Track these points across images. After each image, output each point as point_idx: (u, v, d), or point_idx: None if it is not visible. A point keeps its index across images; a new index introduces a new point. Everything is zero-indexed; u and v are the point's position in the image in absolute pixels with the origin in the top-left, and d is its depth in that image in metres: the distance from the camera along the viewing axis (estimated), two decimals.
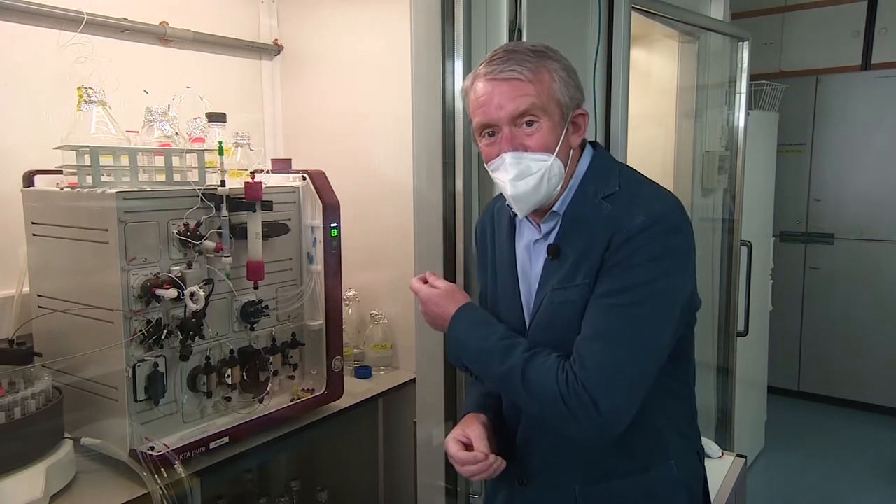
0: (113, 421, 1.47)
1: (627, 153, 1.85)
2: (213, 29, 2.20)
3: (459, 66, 1.51)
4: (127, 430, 1.44)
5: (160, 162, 1.57)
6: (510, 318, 1.19)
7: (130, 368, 1.44)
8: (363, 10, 2.18)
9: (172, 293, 1.43)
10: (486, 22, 1.55)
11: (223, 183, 1.56)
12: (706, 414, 2.75)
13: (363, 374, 2.14)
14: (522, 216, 1.15)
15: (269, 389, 1.71)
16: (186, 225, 1.52)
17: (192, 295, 1.47)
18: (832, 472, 3.57)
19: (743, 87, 2.58)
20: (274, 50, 2.41)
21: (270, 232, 1.66)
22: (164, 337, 1.47)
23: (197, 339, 1.53)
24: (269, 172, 1.78)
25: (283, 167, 1.81)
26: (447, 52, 1.53)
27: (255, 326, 1.68)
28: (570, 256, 1.10)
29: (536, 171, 1.07)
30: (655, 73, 2.80)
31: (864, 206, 4.24)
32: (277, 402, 1.75)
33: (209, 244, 1.54)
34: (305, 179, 1.77)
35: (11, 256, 1.70)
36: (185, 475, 1.43)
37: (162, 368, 1.49)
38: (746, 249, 2.84)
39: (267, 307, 1.69)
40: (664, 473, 1.16)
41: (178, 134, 1.63)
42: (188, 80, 1.87)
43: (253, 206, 1.57)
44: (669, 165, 2.72)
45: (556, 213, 1.13)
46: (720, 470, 1.97)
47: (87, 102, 1.52)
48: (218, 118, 1.72)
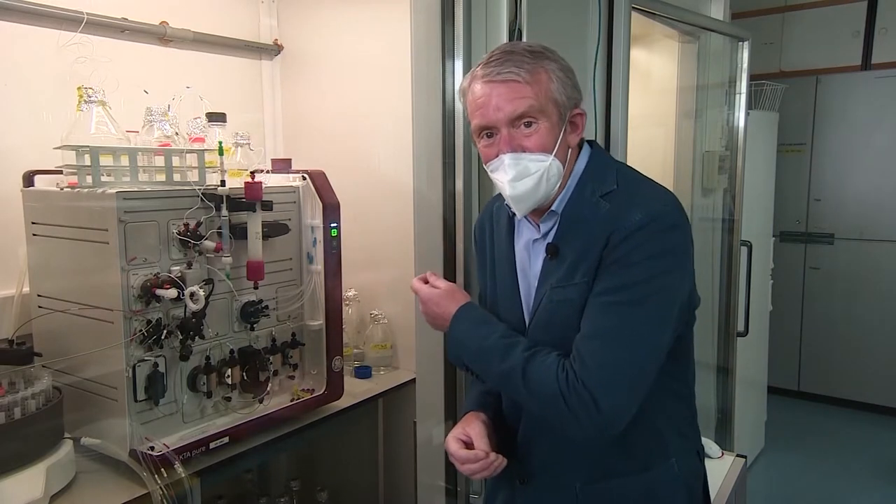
0: (113, 421, 1.47)
1: (627, 153, 1.85)
2: (213, 29, 2.20)
3: (459, 66, 1.51)
4: (127, 430, 1.44)
5: (160, 162, 1.57)
6: (509, 317, 1.19)
7: (130, 368, 1.44)
8: (363, 10, 2.18)
9: (172, 293, 1.44)
10: (486, 22, 1.55)
11: (223, 183, 1.56)
12: (706, 414, 2.75)
13: (363, 374, 2.14)
14: (521, 216, 1.15)
15: (269, 389, 1.71)
16: (186, 225, 1.52)
17: (192, 295, 1.47)
18: (832, 472, 3.57)
19: (743, 87, 2.58)
20: (274, 50, 2.41)
21: (270, 232, 1.66)
22: (164, 337, 1.47)
23: (197, 339, 1.53)
24: (269, 172, 1.78)
25: (283, 167, 1.81)
26: (447, 52, 1.53)
27: (255, 326, 1.68)
28: (568, 255, 1.10)
29: (535, 171, 1.07)
30: (655, 73, 2.80)
31: (864, 206, 4.24)
32: (277, 402, 1.75)
33: (209, 244, 1.54)
34: (305, 179, 1.77)
35: (11, 256, 1.70)
36: (185, 475, 1.43)
37: (162, 368, 1.49)
38: (746, 249, 2.84)
39: (267, 307, 1.69)
40: (664, 472, 1.16)
41: (178, 134, 1.63)
42: (188, 80, 1.87)
43: (253, 206, 1.57)
44: (669, 165, 2.71)
45: (554, 212, 1.14)
46: (720, 470, 1.97)
47: (87, 102, 1.52)
48: (218, 118, 1.72)
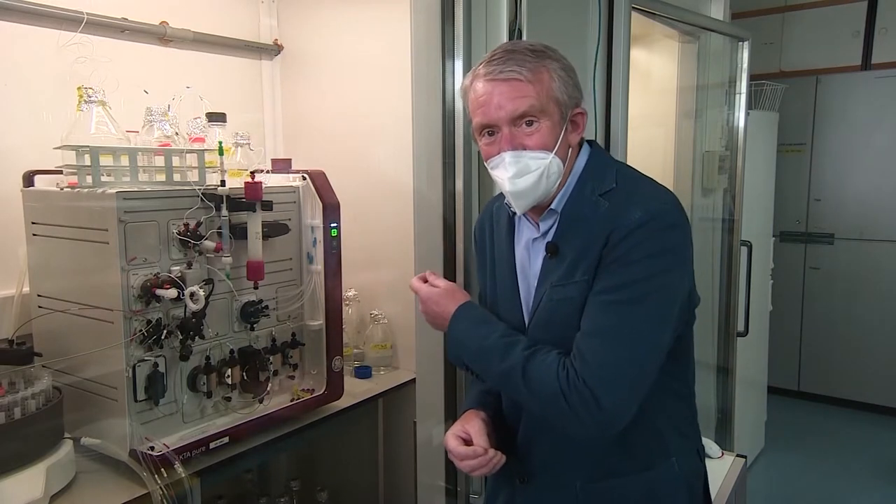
0: (113, 421, 1.47)
1: (627, 153, 1.85)
2: (213, 29, 2.20)
3: (459, 66, 1.51)
4: (127, 430, 1.44)
5: (160, 162, 1.57)
6: (509, 316, 1.19)
7: (130, 368, 1.44)
8: (363, 10, 2.18)
9: (172, 293, 1.44)
10: (486, 22, 1.55)
11: (223, 183, 1.56)
12: (706, 414, 2.75)
13: (363, 374, 2.14)
14: (521, 213, 1.15)
15: (269, 389, 1.71)
16: (186, 225, 1.52)
17: (192, 295, 1.47)
18: (832, 472, 3.57)
19: (743, 87, 2.58)
20: (274, 50, 2.41)
21: (270, 232, 1.66)
22: (164, 337, 1.47)
23: (197, 339, 1.53)
24: (269, 172, 1.78)
25: (283, 167, 1.81)
26: (447, 52, 1.53)
27: (255, 326, 1.68)
28: (568, 254, 1.10)
29: (535, 168, 1.07)
30: (655, 73, 2.80)
31: (864, 206, 4.24)
32: (277, 402, 1.75)
33: (209, 244, 1.54)
34: (305, 179, 1.77)
35: (11, 256, 1.70)
36: (185, 475, 1.43)
37: (162, 368, 1.49)
38: (746, 249, 2.84)
39: (267, 307, 1.69)
40: (665, 472, 1.16)
41: (178, 134, 1.63)
42: (188, 80, 1.87)
43: (253, 206, 1.57)
44: (669, 165, 2.71)
45: (554, 210, 1.14)
46: (720, 470, 1.96)
47: (87, 102, 1.52)
48: (218, 118, 1.72)
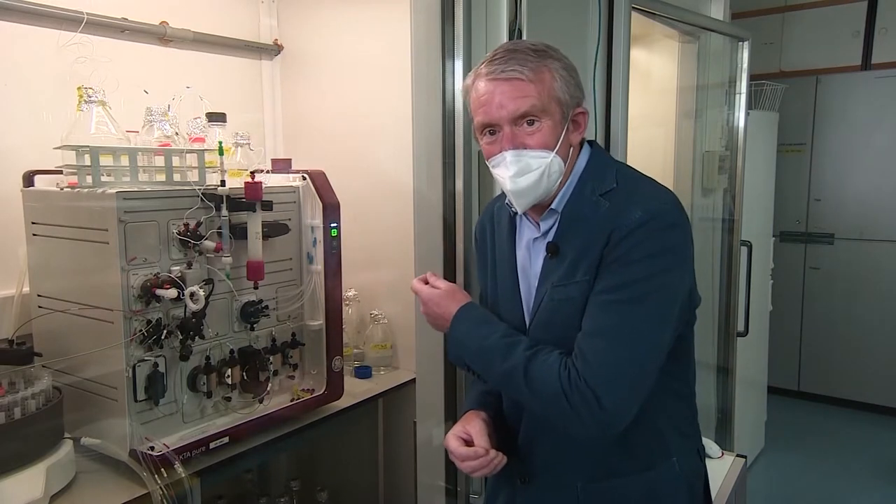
0: (113, 421, 1.47)
1: (627, 153, 1.85)
2: (213, 29, 2.20)
3: (459, 66, 1.51)
4: (127, 430, 1.44)
5: (160, 162, 1.57)
6: (510, 316, 1.19)
7: (130, 368, 1.44)
8: (363, 10, 2.18)
9: (172, 293, 1.43)
10: (486, 22, 1.55)
11: (223, 183, 1.56)
12: (706, 414, 2.75)
13: (363, 374, 2.14)
14: (522, 212, 1.15)
15: (269, 389, 1.71)
16: (186, 225, 1.52)
17: (192, 295, 1.47)
18: (832, 472, 3.57)
19: (743, 87, 2.58)
20: (274, 50, 2.41)
21: (270, 232, 1.66)
22: (164, 337, 1.47)
23: (197, 339, 1.53)
24: (269, 172, 1.78)
25: (283, 167, 1.81)
26: (447, 52, 1.53)
27: (255, 326, 1.68)
28: (569, 254, 1.10)
29: (536, 167, 1.08)
30: (655, 73, 2.80)
31: (864, 206, 4.24)
32: (277, 402, 1.75)
33: (209, 244, 1.53)
34: (305, 179, 1.77)
35: (11, 256, 1.70)
36: (185, 475, 1.43)
37: (162, 368, 1.49)
38: (746, 249, 2.84)
39: (267, 307, 1.69)
40: (666, 472, 1.16)
41: (178, 134, 1.63)
42: (188, 80, 1.87)
43: (253, 206, 1.57)
44: (669, 165, 2.71)
45: (554, 210, 1.14)
46: (720, 470, 1.96)
47: (87, 102, 1.52)
48: (218, 118, 1.72)
